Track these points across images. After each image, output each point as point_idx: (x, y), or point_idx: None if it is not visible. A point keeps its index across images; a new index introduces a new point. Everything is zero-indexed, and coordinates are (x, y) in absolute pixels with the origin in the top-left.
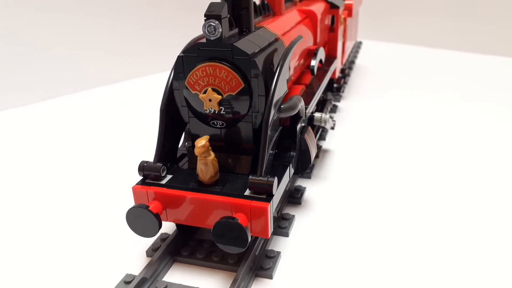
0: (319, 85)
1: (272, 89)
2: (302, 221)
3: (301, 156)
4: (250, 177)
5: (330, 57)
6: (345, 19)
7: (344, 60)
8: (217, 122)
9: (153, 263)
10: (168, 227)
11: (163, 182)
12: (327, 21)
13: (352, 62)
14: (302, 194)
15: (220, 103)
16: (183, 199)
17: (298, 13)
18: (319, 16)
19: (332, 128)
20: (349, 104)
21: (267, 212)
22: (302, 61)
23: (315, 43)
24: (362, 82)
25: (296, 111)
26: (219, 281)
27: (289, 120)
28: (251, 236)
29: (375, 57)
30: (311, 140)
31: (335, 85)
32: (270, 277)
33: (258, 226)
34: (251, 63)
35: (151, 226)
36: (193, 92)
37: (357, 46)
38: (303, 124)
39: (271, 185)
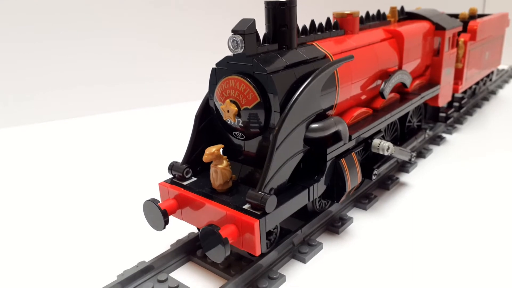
0: (392, 111)
1: (289, 106)
2: (329, 251)
3: (336, 182)
4: (249, 191)
5: (432, 83)
6: (465, 43)
7: (463, 89)
8: (237, 134)
9: (165, 256)
10: None
11: (185, 183)
12: (431, 44)
13: (492, 92)
14: (343, 224)
15: (238, 115)
16: (192, 201)
17: (383, 33)
18: (406, 38)
19: (410, 161)
20: (462, 139)
21: (254, 228)
22: (374, 82)
23: (400, 64)
24: (492, 117)
25: (328, 133)
26: None
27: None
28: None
29: None
30: (350, 166)
31: (441, 115)
32: None
33: (247, 241)
34: (268, 79)
35: (159, 220)
36: (219, 103)
37: (507, 74)
38: (345, 148)
39: (265, 202)
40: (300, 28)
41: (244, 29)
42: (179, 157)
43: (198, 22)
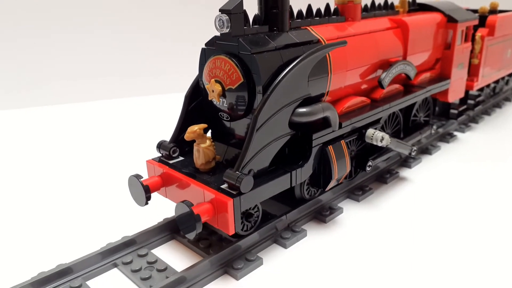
0: (391, 102)
1: (272, 88)
2: (313, 239)
3: (323, 169)
4: (227, 170)
5: (442, 77)
6: (482, 38)
7: (478, 86)
8: (223, 115)
9: (148, 232)
10: None
11: (171, 162)
12: (443, 36)
13: None
14: (332, 214)
15: (223, 96)
16: (175, 179)
17: (389, 22)
18: (412, 28)
19: (410, 155)
20: (475, 138)
21: (227, 207)
22: (374, 72)
23: (404, 55)
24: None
25: (314, 118)
26: (196, 267)
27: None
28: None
29: None
30: (338, 154)
31: (452, 111)
32: (236, 278)
33: (222, 219)
34: (252, 59)
35: (141, 196)
36: (206, 82)
37: None
38: (334, 136)
39: (240, 182)
40: (296, 13)
41: (230, 9)
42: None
43: (200, 17)
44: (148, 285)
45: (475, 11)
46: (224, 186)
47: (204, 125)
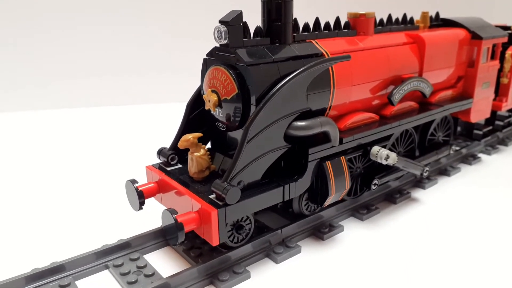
0: (400, 120)
1: (265, 100)
2: (307, 256)
3: (320, 185)
4: (215, 181)
5: (465, 96)
6: None
7: (508, 106)
8: (220, 125)
9: (143, 237)
10: None
11: (169, 168)
12: (468, 54)
13: None
14: (331, 231)
15: (218, 106)
16: (169, 186)
17: (405, 37)
18: (428, 44)
19: (422, 175)
20: (502, 162)
21: (210, 217)
22: (384, 88)
23: (420, 72)
24: None
25: (311, 133)
26: (181, 275)
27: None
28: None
29: None
30: (337, 171)
31: (476, 132)
32: None
33: (207, 230)
34: (247, 71)
35: (135, 201)
36: (204, 92)
37: None
38: (333, 151)
39: (226, 193)
40: (302, 25)
41: (229, 20)
42: None
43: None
44: None
45: (507, 28)
46: (212, 196)
47: (199, 134)
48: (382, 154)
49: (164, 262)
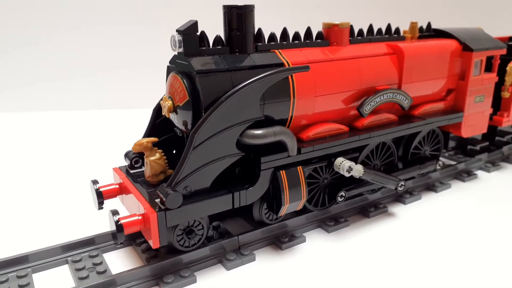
0: (371, 132)
1: (213, 108)
2: (260, 264)
3: (275, 194)
4: (160, 185)
5: (455, 109)
6: None
7: (509, 122)
8: (177, 130)
9: (107, 235)
10: None
11: (132, 171)
12: (460, 66)
13: None
14: (291, 241)
15: (173, 112)
16: (126, 189)
17: (385, 48)
18: (408, 55)
19: (396, 190)
20: (501, 180)
21: (149, 221)
22: (355, 99)
23: (399, 83)
24: None
25: (264, 142)
26: (128, 273)
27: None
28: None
29: None
30: (292, 181)
31: (470, 147)
32: None
33: (149, 232)
34: (197, 79)
35: (95, 200)
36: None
37: None
38: (290, 161)
39: (166, 198)
40: (268, 35)
41: (183, 30)
42: None
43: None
44: (81, 285)
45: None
46: (158, 200)
47: (154, 139)
48: (344, 166)
49: (121, 261)
